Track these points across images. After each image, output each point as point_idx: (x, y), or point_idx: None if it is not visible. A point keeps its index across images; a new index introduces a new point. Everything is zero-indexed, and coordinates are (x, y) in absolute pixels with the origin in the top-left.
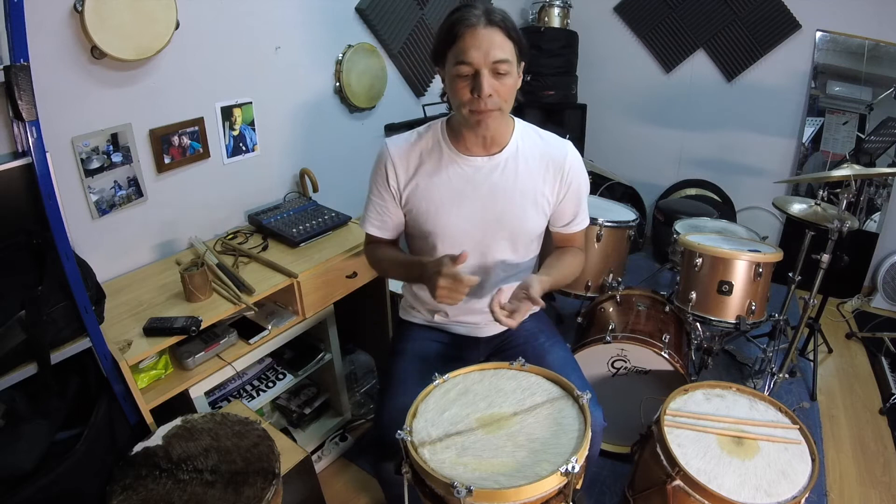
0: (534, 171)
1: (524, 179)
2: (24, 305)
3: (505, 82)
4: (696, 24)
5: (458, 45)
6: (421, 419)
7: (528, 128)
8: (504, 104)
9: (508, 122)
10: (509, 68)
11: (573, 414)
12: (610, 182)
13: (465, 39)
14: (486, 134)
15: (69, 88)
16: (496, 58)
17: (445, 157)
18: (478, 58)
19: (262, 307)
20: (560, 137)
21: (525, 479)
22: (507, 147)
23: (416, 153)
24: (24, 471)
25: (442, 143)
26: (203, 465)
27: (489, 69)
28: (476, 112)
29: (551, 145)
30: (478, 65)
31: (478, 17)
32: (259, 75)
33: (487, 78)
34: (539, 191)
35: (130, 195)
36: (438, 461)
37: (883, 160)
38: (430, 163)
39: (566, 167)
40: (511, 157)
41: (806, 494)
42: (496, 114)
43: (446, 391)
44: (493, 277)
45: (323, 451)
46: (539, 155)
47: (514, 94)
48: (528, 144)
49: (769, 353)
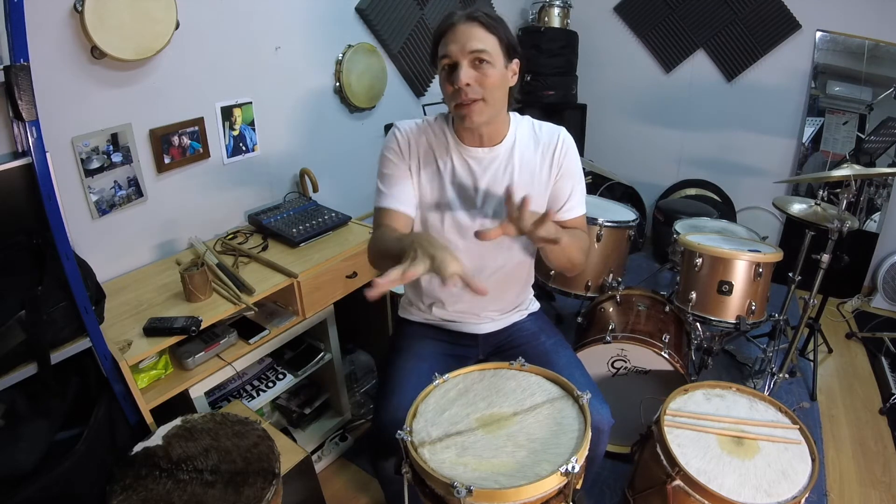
0: (531, 162)
1: (522, 172)
2: (24, 305)
3: (485, 72)
4: (696, 24)
5: (441, 42)
6: (421, 419)
7: (524, 120)
8: (487, 94)
9: (504, 119)
10: (489, 59)
11: (573, 414)
12: (610, 182)
13: (447, 35)
14: (477, 129)
15: (69, 88)
16: (473, 48)
17: (451, 146)
18: (455, 50)
19: (262, 307)
20: (554, 125)
21: (525, 479)
22: (505, 140)
23: (423, 138)
24: (24, 471)
25: (447, 133)
26: (203, 465)
27: (467, 60)
28: (460, 105)
29: (545, 133)
30: (456, 56)
31: (460, 15)
32: (259, 75)
33: (465, 68)
34: (537, 181)
35: (130, 195)
36: (438, 461)
37: (883, 160)
38: (436, 149)
39: (558, 147)
40: (509, 148)
41: (806, 494)
42: (479, 104)
43: (446, 391)
44: (491, 272)
45: (323, 451)
46: (534, 145)
47: (500, 86)
48: (525, 136)
49: (769, 353)
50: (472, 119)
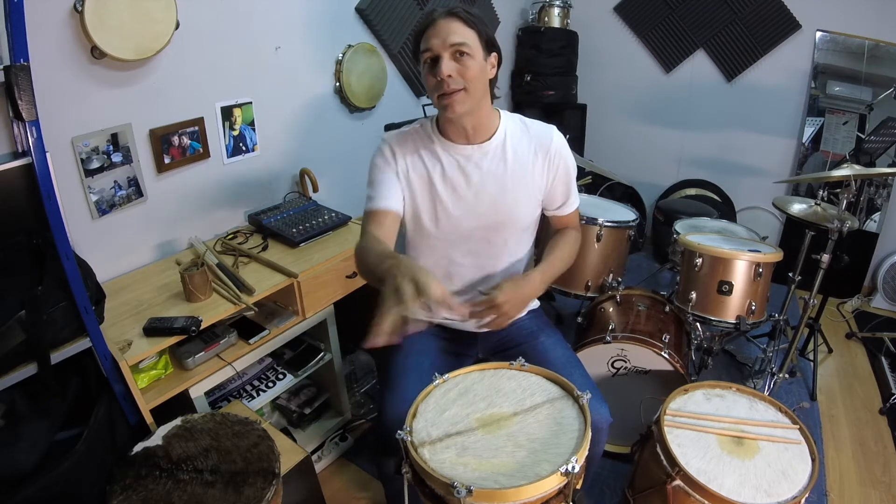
0: (522, 158)
1: (514, 167)
2: (24, 305)
3: (467, 64)
4: (696, 24)
5: (423, 37)
6: (421, 419)
7: (513, 117)
8: (468, 84)
9: (492, 113)
10: (469, 51)
11: (573, 414)
12: (610, 182)
13: (429, 30)
14: (460, 122)
15: (69, 88)
16: (453, 41)
17: (438, 148)
18: (437, 44)
19: (262, 307)
20: (545, 123)
21: (525, 479)
22: (496, 135)
23: (410, 144)
24: (24, 471)
25: (433, 136)
26: (203, 465)
27: (448, 52)
28: (442, 96)
29: (537, 131)
30: (437, 50)
31: (440, 11)
32: (259, 75)
33: (446, 61)
34: (529, 177)
35: (130, 195)
36: (438, 461)
37: (883, 160)
38: (424, 153)
39: (552, 150)
40: (500, 145)
41: (806, 494)
42: (461, 94)
43: (446, 391)
44: (488, 268)
45: (323, 451)
46: (526, 142)
47: (481, 78)
48: (515, 133)
49: (769, 353)
50: (454, 109)
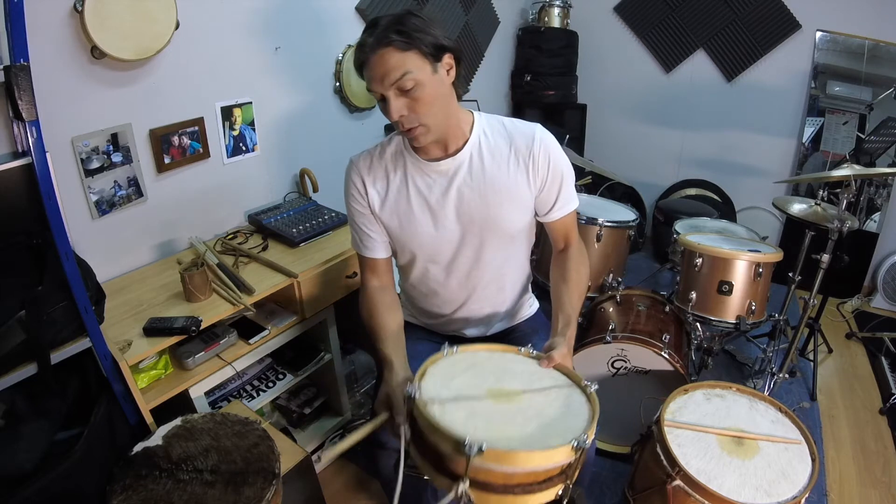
0: (501, 163)
1: (492, 174)
2: (24, 305)
3: (416, 96)
4: (696, 24)
5: (364, 76)
6: (430, 380)
7: (491, 119)
8: (424, 118)
9: (462, 119)
10: (415, 80)
11: (581, 401)
12: (610, 182)
13: (364, 70)
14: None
15: (69, 88)
16: (393, 79)
17: (410, 166)
18: (377, 86)
19: (262, 307)
20: (528, 122)
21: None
22: (468, 143)
23: (381, 166)
24: (24, 471)
25: (405, 152)
26: (203, 465)
27: (392, 92)
28: (404, 132)
29: (517, 133)
30: (379, 90)
31: (370, 44)
32: (259, 75)
33: (393, 101)
34: (512, 183)
35: (130, 195)
36: (448, 420)
37: (883, 160)
38: (396, 174)
39: (535, 152)
40: (474, 152)
41: (806, 494)
42: (420, 129)
43: (454, 362)
44: (481, 280)
45: (323, 452)
46: (505, 146)
47: (437, 99)
48: (492, 137)
49: (769, 353)
50: (419, 141)
